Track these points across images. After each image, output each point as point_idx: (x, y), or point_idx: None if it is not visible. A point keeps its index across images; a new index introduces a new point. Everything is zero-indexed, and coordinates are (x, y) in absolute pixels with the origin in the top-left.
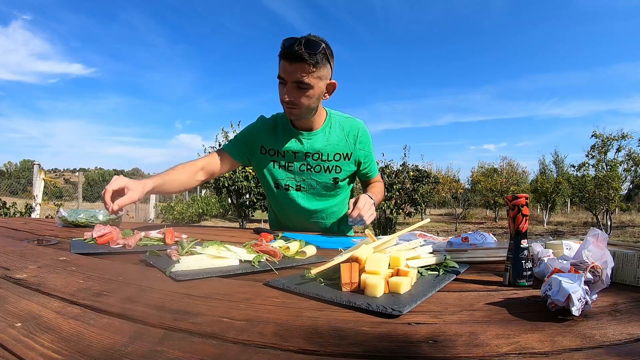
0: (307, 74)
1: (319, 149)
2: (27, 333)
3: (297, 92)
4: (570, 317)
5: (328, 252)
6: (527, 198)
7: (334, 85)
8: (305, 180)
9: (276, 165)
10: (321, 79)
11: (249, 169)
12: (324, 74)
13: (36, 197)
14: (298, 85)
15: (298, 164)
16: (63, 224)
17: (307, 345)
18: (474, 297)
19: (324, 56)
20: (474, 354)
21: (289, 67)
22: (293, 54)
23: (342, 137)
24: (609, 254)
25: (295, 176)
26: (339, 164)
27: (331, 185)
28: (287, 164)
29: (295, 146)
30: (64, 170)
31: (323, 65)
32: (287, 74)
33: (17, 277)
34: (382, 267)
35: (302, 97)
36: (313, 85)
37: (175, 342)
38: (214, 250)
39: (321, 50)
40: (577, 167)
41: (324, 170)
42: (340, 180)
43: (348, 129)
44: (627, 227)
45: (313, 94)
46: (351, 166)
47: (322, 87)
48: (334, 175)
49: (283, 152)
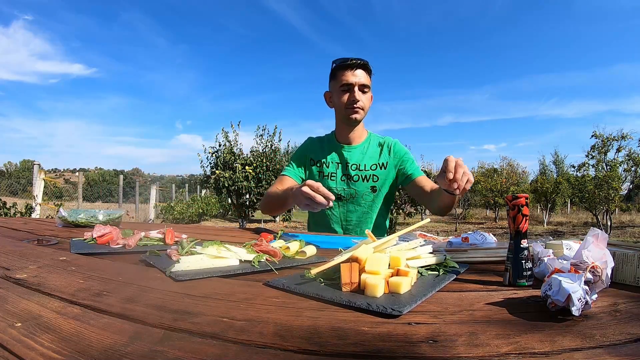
0: (367, 78)
1: (357, 161)
2: (27, 333)
3: (362, 95)
4: (570, 317)
5: (328, 252)
6: (527, 198)
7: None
8: (346, 190)
9: (321, 174)
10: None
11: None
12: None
13: (36, 197)
14: (362, 88)
15: (340, 174)
16: (63, 224)
17: (307, 345)
18: (474, 297)
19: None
20: (474, 354)
21: (359, 72)
22: (359, 64)
23: (377, 151)
24: (609, 254)
25: (337, 185)
26: (375, 173)
27: (369, 193)
28: (330, 173)
29: (337, 157)
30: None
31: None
32: (355, 79)
33: (17, 277)
34: (382, 267)
35: (365, 98)
36: (370, 89)
37: (175, 342)
38: (214, 250)
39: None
40: (577, 167)
41: (362, 179)
42: (379, 189)
43: (384, 144)
44: (627, 227)
45: (369, 97)
46: (388, 174)
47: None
48: (372, 184)
49: (327, 163)
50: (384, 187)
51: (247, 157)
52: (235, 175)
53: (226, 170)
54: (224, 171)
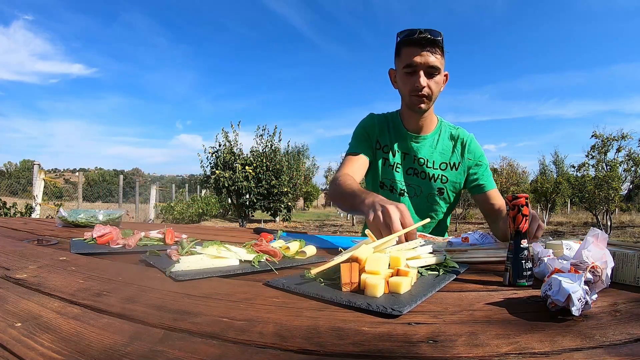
0: (438, 57)
1: (426, 155)
2: (27, 333)
3: (428, 78)
4: (570, 317)
5: (328, 252)
6: (527, 198)
7: (447, 76)
8: (411, 186)
9: (387, 163)
10: (442, 67)
11: (249, 169)
12: (443, 62)
13: (36, 197)
14: (429, 70)
15: (405, 167)
16: (63, 224)
17: (307, 345)
18: (474, 297)
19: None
20: (474, 354)
21: (423, 52)
22: (426, 39)
23: (449, 147)
24: (609, 254)
25: (401, 179)
26: (445, 174)
27: (436, 195)
28: (395, 164)
29: (405, 147)
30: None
31: (443, 53)
32: (421, 59)
33: (17, 277)
34: (382, 267)
35: (432, 82)
36: (440, 71)
37: (175, 342)
38: (214, 250)
39: (442, 38)
40: (577, 167)
41: (429, 178)
42: (446, 192)
43: (457, 138)
44: (627, 227)
45: (439, 81)
46: (459, 177)
47: (442, 75)
48: (439, 185)
49: (394, 151)
50: (451, 189)
51: (247, 157)
52: (235, 175)
53: (226, 170)
54: (224, 171)
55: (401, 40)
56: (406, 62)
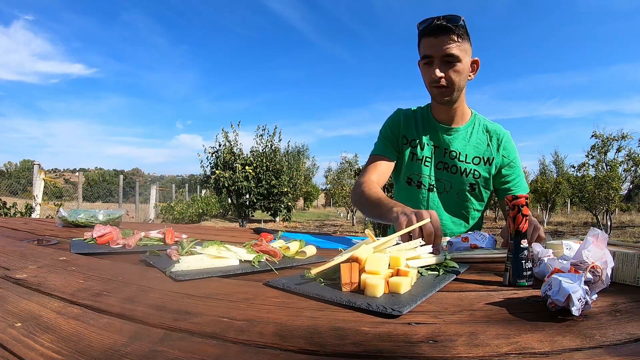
0: (454, 45)
1: (458, 147)
2: (27, 333)
3: (446, 67)
4: (570, 317)
5: (328, 252)
6: (527, 198)
7: (477, 62)
8: (440, 181)
9: (414, 157)
10: (466, 53)
11: (249, 169)
12: (467, 48)
13: (36, 197)
14: (446, 59)
15: (435, 160)
16: (63, 224)
17: (307, 345)
18: (474, 297)
19: (464, 29)
20: (474, 354)
21: (435, 42)
22: (438, 27)
23: (484, 140)
24: (609, 254)
25: (430, 174)
26: (477, 169)
27: (467, 191)
28: (424, 157)
29: (435, 140)
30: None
31: (465, 38)
32: (434, 49)
33: (17, 277)
34: (382, 267)
35: (452, 72)
36: (461, 59)
37: (175, 342)
38: (214, 250)
39: (462, 22)
40: (577, 167)
41: (460, 172)
42: (478, 188)
43: (492, 133)
44: (627, 227)
45: (462, 69)
46: (491, 172)
47: (467, 62)
48: (471, 180)
49: (423, 144)
50: (484, 185)
51: (247, 157)
52: (235, 175)
53: (226, 170)
54: (224, 171)
55: (419, 31)
56: (423, 53)
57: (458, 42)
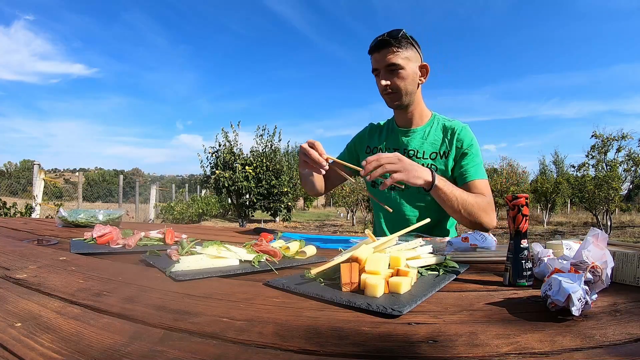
0: (394, 55)
1: (415, 146)
2: (27, 333)
3: (391, 76)
4: (570, 317)
5: (328, 252)
6: (527, 198)
7: (426, 67)
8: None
9: None
10: (410, 60)
11: (249, 169)
12: (411, 55)
13: (36, 197)
14: (389, 69)
15: None
16: (63, 224)
17: (307, 345)
18: (474, 297)
19: (405, 39)
20: (474, 354)
21: (379, 55)
22: (379, 42)
23: (441, 136)
24: (609, 254)
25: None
26: (434, 163)
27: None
28: None
29: (394, 143)
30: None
31: (407, 47)
32: (378, 62)
33: (17, 277)
34: (382, 267)
35: (396, 79)
36: (403, 66)
37: (175, 342)
38: (214, 250)
39: (402, 34)
40: (577, 167)
41: None
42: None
43: (449, 128)
44: (627, 227)
45: (406, 75)
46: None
47: (413, 68)
48: None
49: (383, 149)
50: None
51: (247, 157)
52: (235, 175)
53: (226, 170)
54: (224, 171)
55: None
56: (372, 68)
57: (399, 52)
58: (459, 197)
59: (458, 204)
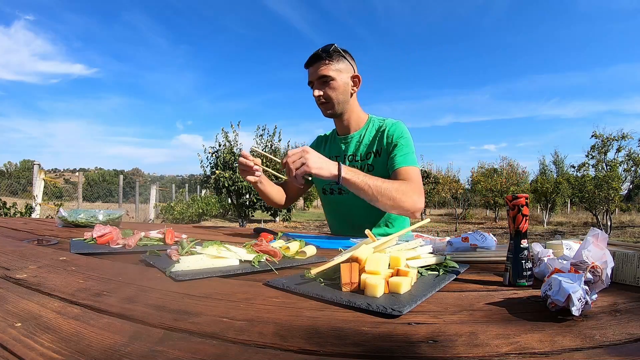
0: (325, 67)
1: (353, 150)
2: (27, 333)
3: (323, 87)
4: (570, 317)
5: (328, 252)
6: (527, 198)
7: (358, 77)
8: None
9: None
10: (341, 72)
11: None
12: (342, 67)
13: (36, 197)
14: (322, 80)
15: None
16: (63, 224)
17: (307, 345)
18: (474, 297)
19: (336, 52)
20: (474, 354)
21: (312, 69)
22: (311, 57)
23: (375, 136)
24: (609, 254)
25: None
26: (372, 163)
27: None
28: None
29: (336, 151)
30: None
31: (339, 60)
32: (311, 75)
33: (17, 277)
34: (382, 267)
35: (328, 89)
36: (334, 77)
37: (175, 342)
38: (214, 250)
39: (333, 48)
40: (577, 167)
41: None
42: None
43: (381, 127)
44: (627, 227)
45: (337, 86)
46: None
47: (344, 79)
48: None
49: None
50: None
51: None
52: (235, 175)
53: (226, 170)
54: (224, 171)
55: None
56: (308, 81)
57: (330, 65)
58: (372, 185)
59: (372, 191)
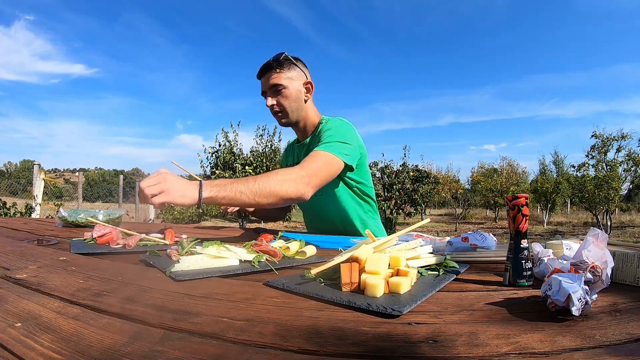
0: (275, 76)
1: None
2: (27, 333)
3: (275, 95)
4: (570, 317)
5: (328, 252)
6: (527, 198)
7: (311, 83)
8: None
9: None
10: (293, 79)
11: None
12: (293, 75)
13: (36, 197)
14: (274, 90)
15: None
16: (63, 224)
17: (307, 345)
18: (474, 297)
19: (287, 61)
20: (474, 354)
21: (264, 79)
22: (262, 68)
23: (315, 138)
24: (609, 254)
25: None
26: None
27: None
28: None
29: (297, 158)
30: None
31: (289, 68)
32: (264, 85)
33: (17, 277)
34: (382, 267)
35: (280, 98)
36: (286, 85)
37: (175, 342)
38: (214, 250)
39: (283, 56)
40: (577, 167)
41: None
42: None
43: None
44: (627, 227)
45: (289, 94)
46: None
47: (296, 86)
48: None
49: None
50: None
51: (247, 157)
52: (235, 176)
53: (226, 170)
54: (224, 171)
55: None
56: (261, 91)
57: (281, 73)
58: (245, 190)
59: (247, 196)
